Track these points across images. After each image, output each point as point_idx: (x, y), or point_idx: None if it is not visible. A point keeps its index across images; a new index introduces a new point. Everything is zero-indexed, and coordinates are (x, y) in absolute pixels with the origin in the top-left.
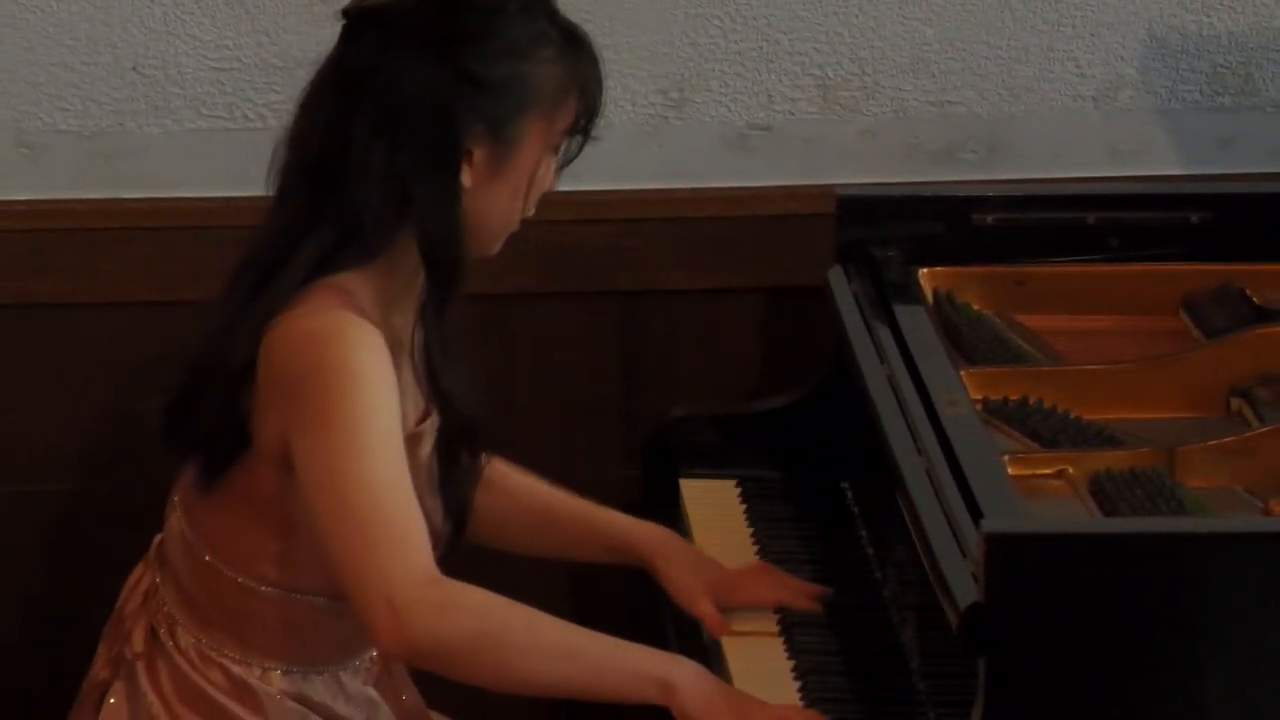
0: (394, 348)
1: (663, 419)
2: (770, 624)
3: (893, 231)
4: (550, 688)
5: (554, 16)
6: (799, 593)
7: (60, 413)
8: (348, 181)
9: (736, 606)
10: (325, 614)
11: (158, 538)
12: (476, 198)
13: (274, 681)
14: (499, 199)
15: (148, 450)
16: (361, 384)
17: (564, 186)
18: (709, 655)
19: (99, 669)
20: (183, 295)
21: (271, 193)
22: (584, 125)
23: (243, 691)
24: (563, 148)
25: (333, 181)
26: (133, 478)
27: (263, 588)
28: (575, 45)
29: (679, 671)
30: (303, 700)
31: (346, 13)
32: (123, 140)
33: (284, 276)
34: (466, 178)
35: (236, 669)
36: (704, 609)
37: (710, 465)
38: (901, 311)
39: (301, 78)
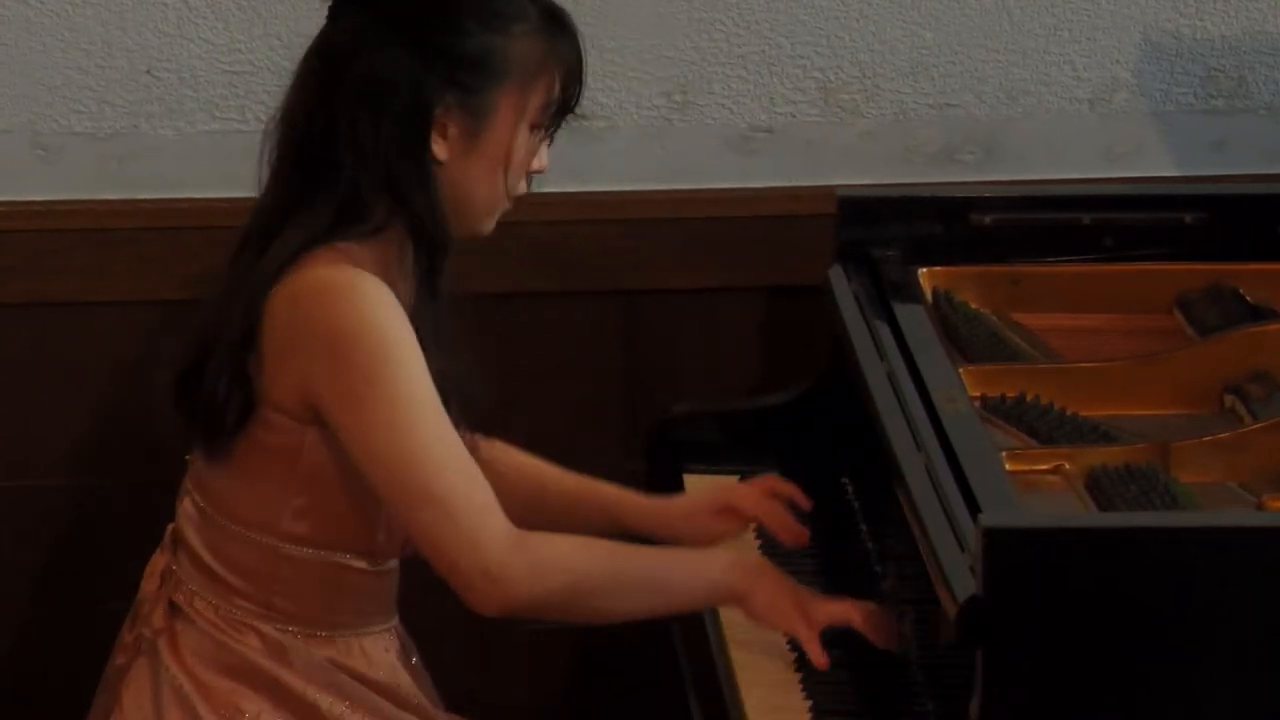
0: None
1: (664, 416)
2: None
3: (892, 232)
4: (637, 615)
5: None
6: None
7: (74, 411)
8: (337, 156)
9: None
10: (355, 573)
11: (171, 525)
12: (454, 171)
13: (301, 643)
14: (477, 174)
15: (161, 447)
16: (392, 345)
17: (568, 187)
18: (713, 657)
19: (119, 655)
20: (195, 295)
21: (267, 171)
22: (565, 102)
23: (275, 649)
24: (546, 124)
25: (322, 156)
26: (146, 474)
27: (290, 546)
28: (553, 22)
29: (745, 577)
30: (331, 661)
31: None
32: (137, 142)
33: (277, 246)
34: (441, 150)
35: (267, 628)
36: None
37: (712, 461)
38: (900, 310)
39: None
